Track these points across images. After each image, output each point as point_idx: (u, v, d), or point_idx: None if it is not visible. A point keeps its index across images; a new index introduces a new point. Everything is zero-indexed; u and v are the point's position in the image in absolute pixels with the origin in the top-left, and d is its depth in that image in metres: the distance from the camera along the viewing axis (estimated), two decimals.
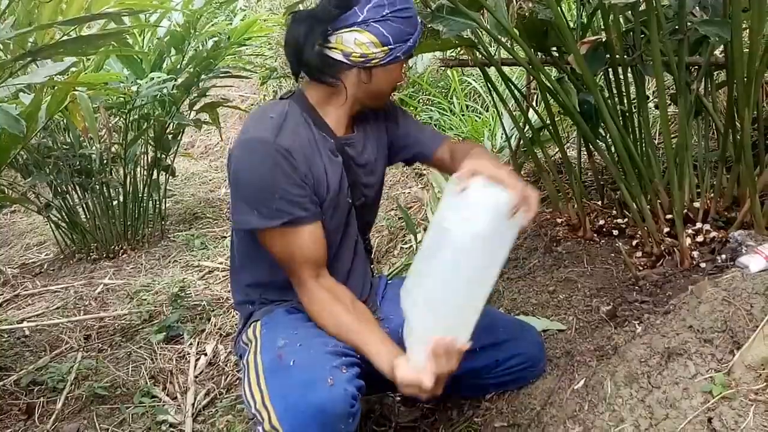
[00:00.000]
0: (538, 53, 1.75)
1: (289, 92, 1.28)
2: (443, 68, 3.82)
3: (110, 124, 2.78)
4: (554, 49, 1.76)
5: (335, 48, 1.17)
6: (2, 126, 1.29)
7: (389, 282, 1.49)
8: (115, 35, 1.31)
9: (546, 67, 1.70)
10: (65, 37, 1.33)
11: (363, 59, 1.17)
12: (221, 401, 1.67)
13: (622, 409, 1.10)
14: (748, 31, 1.48)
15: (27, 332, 2.17)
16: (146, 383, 1.80)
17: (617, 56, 1.64)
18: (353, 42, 1.16)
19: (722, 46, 1.79)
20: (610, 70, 1.74)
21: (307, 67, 1.19)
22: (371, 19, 1.16)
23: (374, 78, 1.21)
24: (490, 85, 1.99)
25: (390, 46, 1.17)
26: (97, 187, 3.02)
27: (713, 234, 1.57)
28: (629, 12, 1.67)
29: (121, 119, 2.93)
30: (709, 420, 0.98)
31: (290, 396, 1.01)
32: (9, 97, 1.56)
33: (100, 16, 1.39)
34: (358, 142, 1.30)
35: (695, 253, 1.54)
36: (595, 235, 1.83)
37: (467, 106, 3.51)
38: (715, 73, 1.94)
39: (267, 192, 1.13)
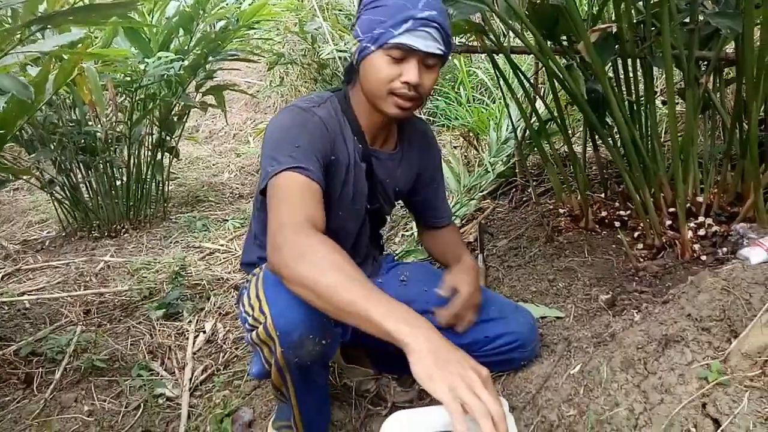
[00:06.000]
0: (548, 41, 1.75)
1: (338, 88, 1.30)
2: (452, 62, 3.81)
3: (117, 102, 2.78)
4: (564, 37, 1.75)
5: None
6: (11, 91, 1.29)
7: (397, 262, 1.55)
8: (125, 5, 1.31)
9: (555, 56, 1.70)
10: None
11: (353, 56, 1.20)
12: (219, 377, 1.67)
13: (618, 393, 1.10)
14: (760, 26, 1.48)
15: (27, 305, 2.18)
16: (144, 357, 1.80)
17: (627, 47, 1.64)
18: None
19: (733, 43, 1.79)
20: (619, 61, 1.74)
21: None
22: (358, 17, 1.19)
23: (362, 74, 1.18)
24: (497, 73, 1.99)
25: (359, 38, 1.15)
26: (101, 165, 3.02)
27: (715, 228, 1.58)
28: (641, 2, 1.66)
29: (127, 98, 2.94)
30: (704, 405, 0.98)
31: (285, 301, 1.02)
32: (18, 65, 1.56)
33: None
34: (389, 160, 1.32)
35: (696, 246, 1.54)
36: (597, 226, 1.84)
37: (474, 98, 3.50)
38: (725, 70, 1.94)
39: (287, 142, 1.11)
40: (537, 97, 2.10)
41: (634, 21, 1.70)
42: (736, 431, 0.90)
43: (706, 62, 1.77)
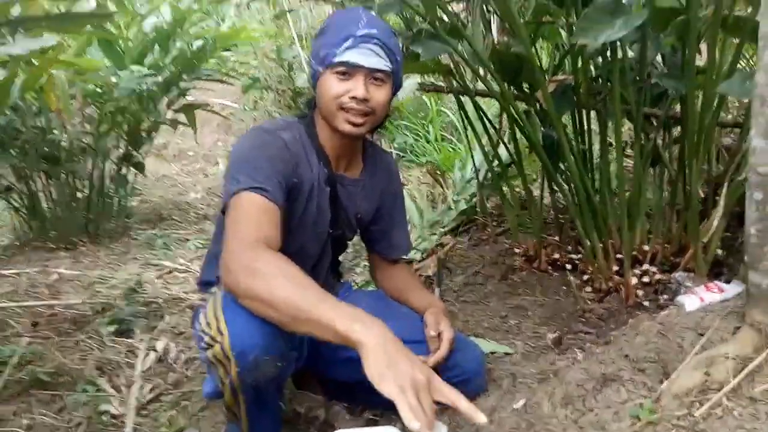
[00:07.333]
0: (511, 87, 1.84)
1: (305, 113, 1.34)
2: (423, 101, 3.92)
3: (85, 113, 2.76)
4: (526, 86, 1.85)
5: None
6: None
7: (354, 290, 1.56)
8: (100, 16, 1.33)
9: (518, 102, 1.79)
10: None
11: (309, 83, 1.29)
12: (167, 397, 1.65)
13: (557, 428, 1.14)
14: (701, 90, 1.59)
15: None
16: (91, 373, 1.76)
17: (583, 99, 1.74)
18: None
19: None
20: (576, 111, 1.83)
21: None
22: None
23: (317, 96, 1.25)
24: (463, 114, 2.07)
25: (312, 64, 1.24)
26: (63, 176, 2.97)
27: (658, 276, 1.66)
28: (599, 58, 1.77)
29: (96, 110, 2.91)
30: None
31: (242, 323, 1.02)
32: None
33: None
34: (352, 186, 1.35)
35: (640, 292, 1.62)
36: (550, 267, 1.91)
37: (443, 137, 3.60)
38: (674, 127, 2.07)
39: (249, 163, 1.14)
40: (500, 140, 2.19)
41: (592, 75, 1.81)
42: None
43: (656, 118, 1.89)
